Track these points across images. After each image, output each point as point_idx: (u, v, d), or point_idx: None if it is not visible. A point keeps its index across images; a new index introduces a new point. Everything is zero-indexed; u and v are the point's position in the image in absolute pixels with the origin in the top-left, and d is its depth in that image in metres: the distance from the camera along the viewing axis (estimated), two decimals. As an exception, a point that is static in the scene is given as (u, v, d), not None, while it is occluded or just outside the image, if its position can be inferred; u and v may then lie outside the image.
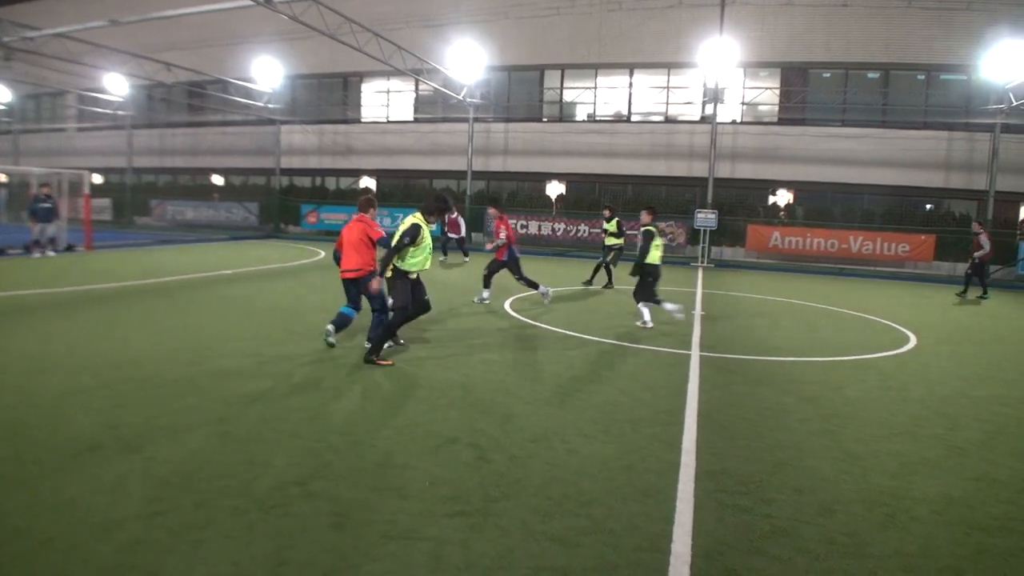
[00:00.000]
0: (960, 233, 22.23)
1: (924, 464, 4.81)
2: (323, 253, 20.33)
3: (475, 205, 26.25)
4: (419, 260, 6.87)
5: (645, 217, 10.00)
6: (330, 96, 31.26)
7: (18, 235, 18.36)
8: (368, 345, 7.07)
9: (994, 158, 22.96)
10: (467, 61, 23.86)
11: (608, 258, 14.32)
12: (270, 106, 29.59)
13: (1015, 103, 21.74)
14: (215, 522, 3.45)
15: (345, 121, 30.79)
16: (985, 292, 15.84)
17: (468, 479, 4.14)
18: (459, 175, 27.51)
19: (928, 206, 25.04)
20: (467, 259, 18.95)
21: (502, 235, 10.95)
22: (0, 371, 6.13)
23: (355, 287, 7.38)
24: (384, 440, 4.75)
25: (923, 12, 22.89)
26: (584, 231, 24.89)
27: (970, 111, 23.55)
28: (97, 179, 33.05)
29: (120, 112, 32.42)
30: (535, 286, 11.20)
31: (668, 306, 9.58)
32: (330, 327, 7.42)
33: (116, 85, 28.19)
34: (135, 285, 12.08)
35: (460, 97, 25.45)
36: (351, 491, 3.89)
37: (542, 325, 9.53)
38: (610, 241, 14.37)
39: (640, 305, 9.66)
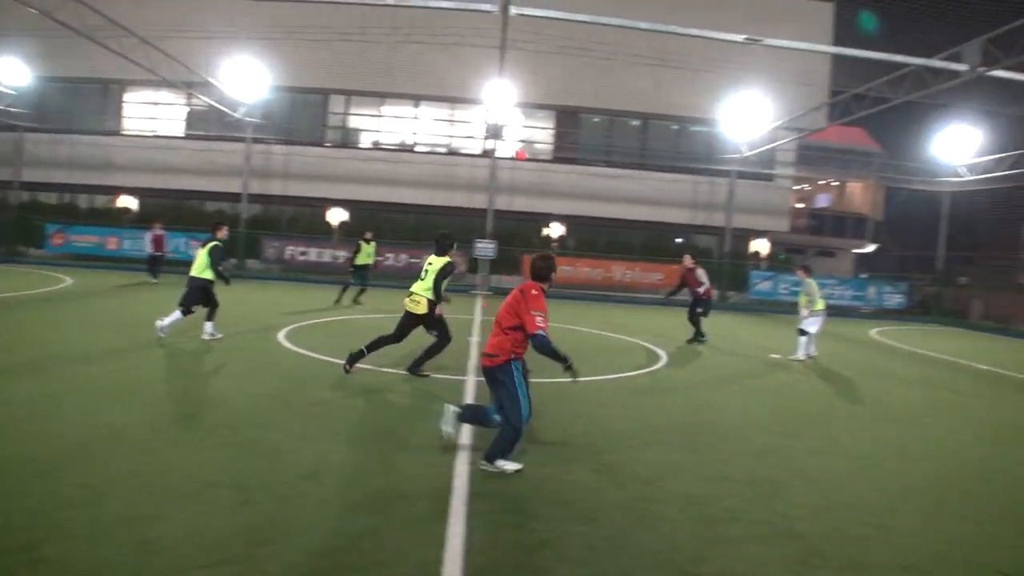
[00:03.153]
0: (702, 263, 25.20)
1: (672, 467, 5.41)
2: (69, 279, 18.03)
3: (251, 230, 25.06)
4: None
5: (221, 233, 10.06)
6: (87, 104, 28.27)
7: None
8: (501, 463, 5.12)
9: (731, 199, 26.39)
10: (247, 79, 22.84)
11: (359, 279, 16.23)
12: (11, 110, 26.08)
13: (748, 154, 25.20)
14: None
15: (104, 132, 27.93)
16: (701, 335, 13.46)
17: (229, 525, 3.88)
18: (234, 197, 25.98)
19: (678, 239, 28.11)
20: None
21: None
22: None
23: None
24: (133, 490, 4.29)
25: (675, 70, 25.78)
26: (367, 259, 24.66)
27: (712, 159, 26.87)
28: None
29: None
30: None
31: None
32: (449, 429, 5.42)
33: None
34: None
35: (238, 115, 24.25)
36: (89, 552, 3.46)
37: (316, 355, 9.29)
38: (365, 261, 16.34)
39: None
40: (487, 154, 25.79)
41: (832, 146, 33.02)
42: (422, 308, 7.95)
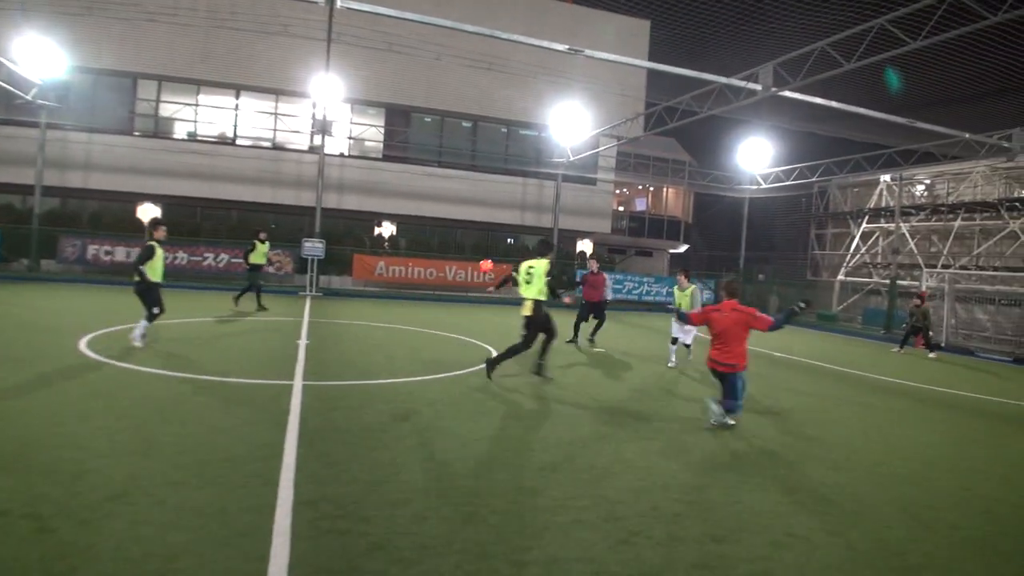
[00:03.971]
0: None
1: (502, 462, 5.52)
2: None
3: (46, 227, 22.55)
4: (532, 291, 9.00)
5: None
6: None
7: None
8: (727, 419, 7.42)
9: (557, 202, 27.46)
10: (41, 56, 20.51)
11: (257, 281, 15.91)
12: None
13: (573, 158, 26.34)
14: None
15: None
16: (575, 337, 13.96)
17: (23, 556, 3.47)
18: (26, 190, 23.26)
19: (509, 240, 28.83)
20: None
21: None
22: None
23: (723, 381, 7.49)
24: None
25: (504, 75, 26.41)
26: (183, 258, 22.89)
27: (540, 162, 27.85)
28: None
29: None
30: None
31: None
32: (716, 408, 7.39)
33: None
34: None
35: (29, 97, 21.71)
36: None
37: (131, 366, 8.51)
38: (259, 260, 16.02)
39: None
40: (314, 150, 24.95)
41: (649, 154, 35.30)
42: (528, 310, 9.00)
